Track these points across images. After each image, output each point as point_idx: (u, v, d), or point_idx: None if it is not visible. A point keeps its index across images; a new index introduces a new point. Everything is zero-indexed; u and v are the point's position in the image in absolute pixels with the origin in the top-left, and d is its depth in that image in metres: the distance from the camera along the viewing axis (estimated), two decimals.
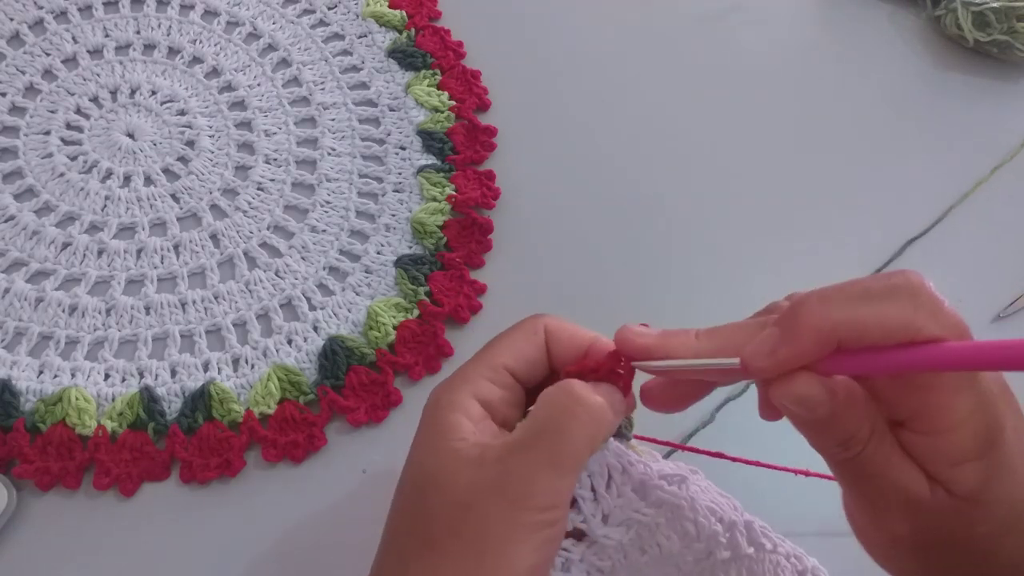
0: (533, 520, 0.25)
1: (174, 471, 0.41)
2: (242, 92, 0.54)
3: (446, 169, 0.52)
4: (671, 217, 0.52)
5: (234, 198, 0.50)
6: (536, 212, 0.51)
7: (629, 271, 0.50)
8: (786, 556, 0.31)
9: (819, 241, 0.52)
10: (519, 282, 0.49)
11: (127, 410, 0.42)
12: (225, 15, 0.57)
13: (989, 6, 0.60)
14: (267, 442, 0.41)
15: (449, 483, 0.26)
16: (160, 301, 0.46)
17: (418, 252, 0.49)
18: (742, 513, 0.31)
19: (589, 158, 0.54)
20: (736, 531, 0.30)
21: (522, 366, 0.29)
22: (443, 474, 0.26)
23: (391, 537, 0.28)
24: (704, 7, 0.63)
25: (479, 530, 0.25)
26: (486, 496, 0.25)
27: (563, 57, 0.59)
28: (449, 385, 0.29)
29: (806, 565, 0.31)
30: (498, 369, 0.29)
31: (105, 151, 0.50)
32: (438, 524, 0.26)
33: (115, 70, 0.53)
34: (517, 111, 0.56)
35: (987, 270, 0.52)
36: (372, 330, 0.45)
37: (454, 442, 0.27)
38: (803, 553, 0.32)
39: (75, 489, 0.40)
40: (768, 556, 0.31)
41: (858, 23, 0.64)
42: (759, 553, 0.30)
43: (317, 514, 0.40)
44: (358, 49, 0.57)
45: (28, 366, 0.43)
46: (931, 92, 0.61)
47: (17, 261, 0.46)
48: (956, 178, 0.56)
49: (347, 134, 0.53)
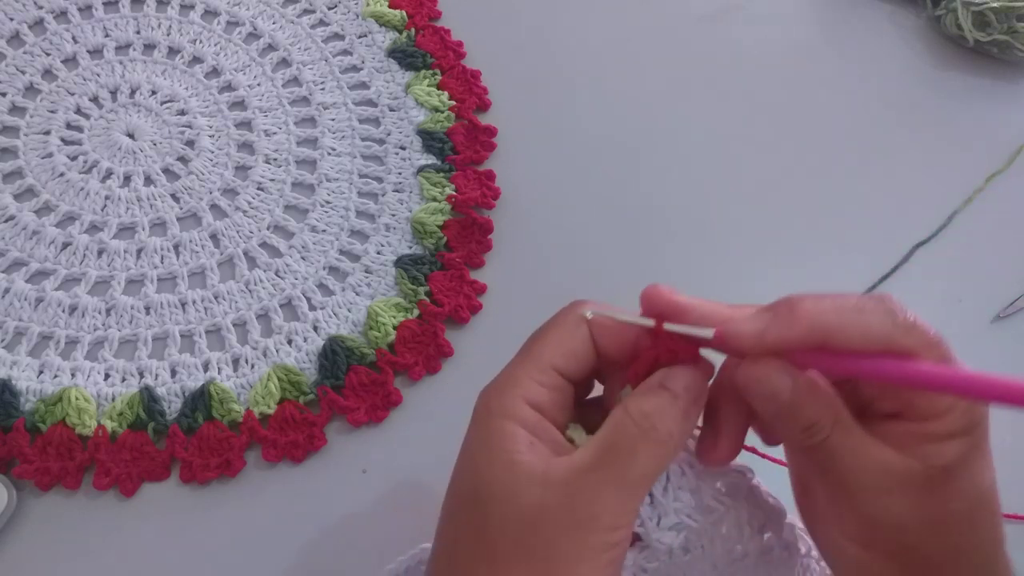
0: (600, 541, 0.25)
1: (174, 471, 0.41)
2: (242, 92, 0.54)
3: (446, 169, 0.52)
4: (671, 218, 0.52)
5: (234, 198, 0.50)
6: (536, 212, 0.51)
7: (629, 271, 0.50)
8: (817, 560, 0.31)
9: (820, 240, 0.52)
10: (519, 282, 0.49)
11: (127, 410, 0.42)
12: (225, 15, 0.57)
13: (989, 6, 0.60)
14: (267, 442, 0.41)
15: (513, 499, 0.26)
16: (160, 301, 0.46)
17: (418, 252, 0.49)
18: (785, 515, 0.31)
19: (589, 158, 0.54)
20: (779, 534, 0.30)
21: (571, 364, 0.28)
22: (506, 489, 0.26)
23: (448, 546, 0.28)
24: (704, 7, 0.63)
25: (546, 550, 0.25)
26: (554, 517, 0.25)
27: (563, 57, 0.59)
28: (499, 389, 0.28)
29: None
30: (546, 370, 0.28)
31: (105, 151, 0.50)
32: (503, 541, 0.26)
33: (115, 70, 0.53)
34: (517, 111, 0.56)
35: (987, 270, 0.52)
36: (372, 330, 0.45)
37: (515, 455, 0.26)
38: None
39: (75, 489, 0.40)
40: (800, 560, 0.31)
41: (858, 23, 0.64)
42: (793, 557, 0.30)
43: (317, 514, 0.40)
44: (358, 49, 0.57)
45: (28, 366, 0.43)
46: (931, 92, 0.61)
47: (17, 261, 0.46)
48: (956, 178, 0.56)
49: (347, 134, 0.53)
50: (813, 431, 0.26)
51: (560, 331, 0.29)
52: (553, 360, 0.28)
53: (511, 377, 0.28)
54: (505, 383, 0.28)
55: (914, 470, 0.26)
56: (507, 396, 0.27)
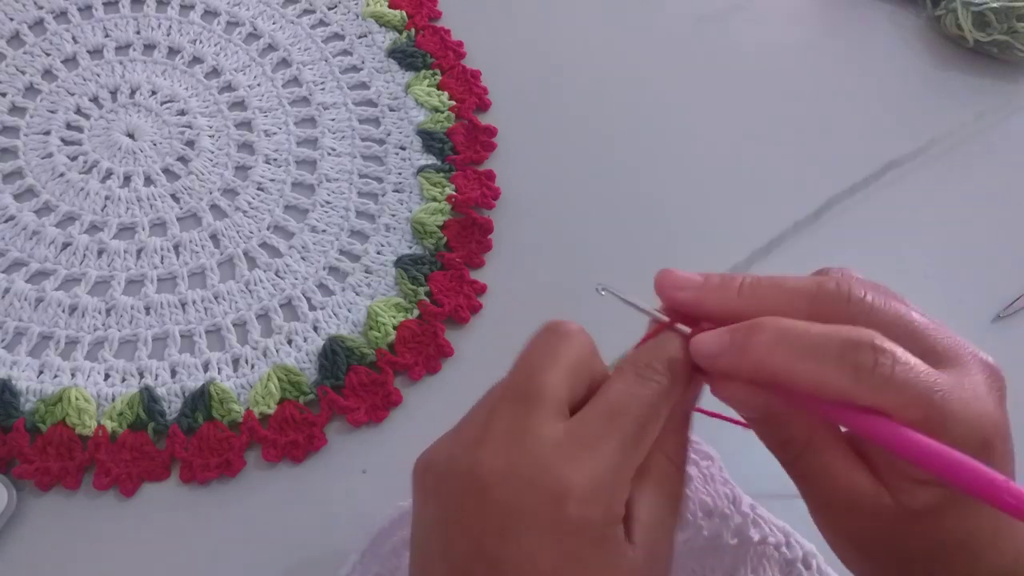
0: None
1: (174, 471, 0.41)
2: (242, 92, 0.54)
3: (446, 169, 0.52)
4: (671, 217, 0.52)
5: (234, 198, 0.50)
6: (536, 212, 0.51)
7: (629, 271, 0.50)
8: (775, 547, 0.31)
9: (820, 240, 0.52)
10: (519, 282, 0.49)
11: (127, 410, 0.42)
12: (225, 15, 0.57)
13: (989, 6, 0.60)
14: (267, 442, 0.41)
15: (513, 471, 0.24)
16: (160, 301, 0.46)
17: (418, 252, 0.49)
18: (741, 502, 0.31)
19: (589, 158, 0.54)
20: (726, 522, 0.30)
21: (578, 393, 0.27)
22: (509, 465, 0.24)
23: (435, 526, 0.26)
24: (704, 7, 0.63)
25: None
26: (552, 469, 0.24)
27: (563, 57, 0.59)
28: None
29: (796, 554, 0.31)
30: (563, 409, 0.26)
31: (105, 151, 0.50)
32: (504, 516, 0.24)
33: (115, 70, 0.53)
34: (517, 111, 0.56)
35: (987, 270, 0.52)
36: (372, 330, 0.45)
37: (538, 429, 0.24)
38: (797, 539, 0.32)
39: (75, 489, 0.40)
40: (753, 547, 0.31)
41: (858, 23, 0.64)
42: (743, 545, 0.31)
43: (317, 514, 0.40)
44: (358, 49, 0.57)
45: (28, 366, 0.43)
46: (931, 92, 0.61)
47: (17, 261, 0.46)
48: (955, 178, 0.56)
49: (347, 134, 0.53)
50: (787, 447, 0.26)
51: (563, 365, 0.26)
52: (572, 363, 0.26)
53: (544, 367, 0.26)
54: None
55: (882, 503, 0.24)
56: None
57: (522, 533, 0.23)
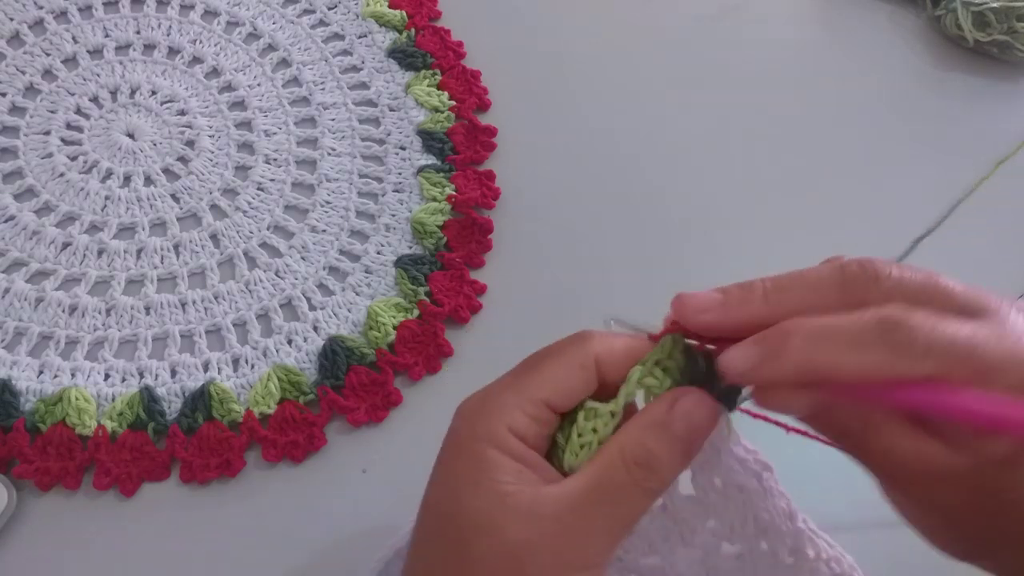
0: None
1: (174, 471, 0.41)
2: (242, 92, 0.54)
3: (446, 169, 0.52)
4: (672, 217, 0.52)
5: (234, 198, 0.50)
6: (536, 212, 0.51)
7: (630, 271, 0.50)
8: (826, 562, 0.30)
9: (820, 239, 0.52)
10: (519, 282, 0.49)
11: (127, 410, 0.42)
12: (225, 15, 0.57)
13: (989, 6, 0.60)
14: (267, 442, 0.41)
15: (498, 532, 0.25)
16: (160, 301, 0.46)
17: (418, 252, 0.49)
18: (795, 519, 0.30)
19: (589, 158, 0.54)
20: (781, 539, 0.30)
21: (564, 401, 0.27)
22: (490, 521, 0.25)
23: (424, 571, 0.27)
24: (704, 7, 0.63)
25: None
26: (539, 553, 0.24)
27: (563, 57, 0.59)
28: (485, 413, 0.26)
29: (843, 568, 0.31)
30: (538, 404, 0.27)
31: (105, 151, 0.50)
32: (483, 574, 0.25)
33: (115, 70, 0.53)
34: (517, 111, 0.56)
35: (987, 270, 0.52)
36: (372, 330, 0.45)
37: (500, 484, 0.25)
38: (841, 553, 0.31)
39: (75, 489, 0.40)
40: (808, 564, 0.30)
41: (858, 23, 0.64)
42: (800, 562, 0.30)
43: (317, 514, 0.40)
44: (358, 49, 0.57)
45: (28, 366, 0.43)
46: (931, 92, 0.61)
47: (17, 261, 0.46)
48: (956, 178, 0.56)
49: (347, 134, 0.53)
50: (846, 434, 0.26)
51: (561, 366, 0.27)
52: (547, 396, 0.27)
53: (498, 402, 0.27)
54: (492, 407, 0.27)
55: (956, 464, 0.24)
56: (492, 421, 0.26)
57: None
